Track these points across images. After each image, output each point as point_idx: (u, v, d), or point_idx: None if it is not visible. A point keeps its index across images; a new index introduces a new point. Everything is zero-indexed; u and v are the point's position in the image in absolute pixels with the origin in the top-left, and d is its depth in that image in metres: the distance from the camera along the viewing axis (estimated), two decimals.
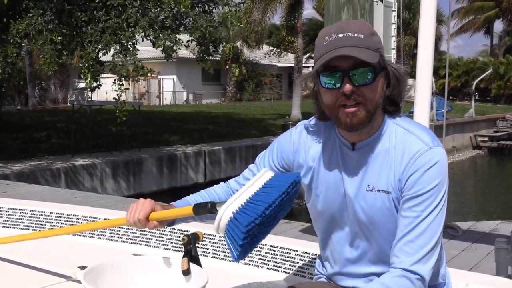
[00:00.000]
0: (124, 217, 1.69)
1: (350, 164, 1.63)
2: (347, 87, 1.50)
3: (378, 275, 1.57)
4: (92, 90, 9.34)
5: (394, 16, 4.45)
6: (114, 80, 9.22)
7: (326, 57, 1.50)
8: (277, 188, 1.55)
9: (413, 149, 1.54)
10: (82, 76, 9.30)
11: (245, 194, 1.54)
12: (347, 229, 1.67)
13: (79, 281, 2.02)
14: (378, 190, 1.58)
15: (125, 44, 9.14)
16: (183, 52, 31.79)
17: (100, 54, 9.26)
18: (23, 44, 8.88)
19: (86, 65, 8.78)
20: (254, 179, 1.60)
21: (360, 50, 1.48)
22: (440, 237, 1.55)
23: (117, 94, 8.94)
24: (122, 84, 9.08)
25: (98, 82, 9.26)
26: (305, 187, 1.75)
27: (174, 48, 9.41)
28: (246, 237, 1.46)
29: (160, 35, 9.06)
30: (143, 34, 9.11)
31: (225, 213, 1.49)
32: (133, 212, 1.66)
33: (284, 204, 1.59)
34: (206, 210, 1.58)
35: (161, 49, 9.36)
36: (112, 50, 9.21)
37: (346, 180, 1.63)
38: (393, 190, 1.56)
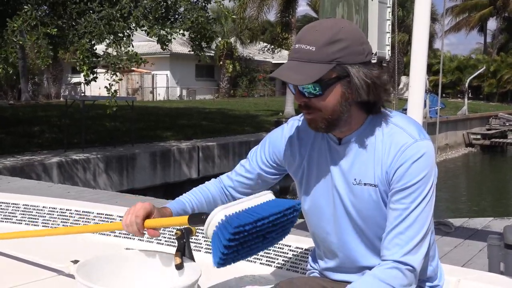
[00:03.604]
0: (120, 221, 1.71)
1: (337, 158, 1.64)
2: (298, 99, 1.56)
3: (370, 268, 1.58)
4: (88, 83, 9.24)
5: (389, 12, 4.46)
6: (107, 70, 9.13)
7: (276, 72, 1.55)
8: (275, 208, 1.61)
9: (399, 142, 1.55)
10: (78, 69, 9.15)
11: (241, 204, 1.59)
12: (337, 223, 1.67)
13: (72, 275, 2.01)
14: (365, 184, 1.59)
15: (119, 34, 9.06)
16: (177, 48, 31.77)
17: (96, 46, 9.19)
18: (20, 42, 8.76)
19: (81, 57, 8.70)
20: (254, 196, 1.66)
21: (301, 69, 1.48)
22: (430, 228, 1.56)
23: (109, 84, 8.85)
24: (116, 74, 8.99)
25: (94, 75, 9.18)
26: (296, 183, 1.76)
27: (169, 37, 9.33)
28: (232, 239, 1.49)
29: (155, 25, 8.97)
30: (135, 25, 9.03)
31: (218, 214, 1.53)
32: (130, 214, 1.67)
33: (279, 226, 1.63)
34: (200, 221, 1.61)
35: (156, 38, 9.27)
36: (106, 41, 9.13)
37: (335, 174, 1.64)
38: (380, 183, 1.57)
